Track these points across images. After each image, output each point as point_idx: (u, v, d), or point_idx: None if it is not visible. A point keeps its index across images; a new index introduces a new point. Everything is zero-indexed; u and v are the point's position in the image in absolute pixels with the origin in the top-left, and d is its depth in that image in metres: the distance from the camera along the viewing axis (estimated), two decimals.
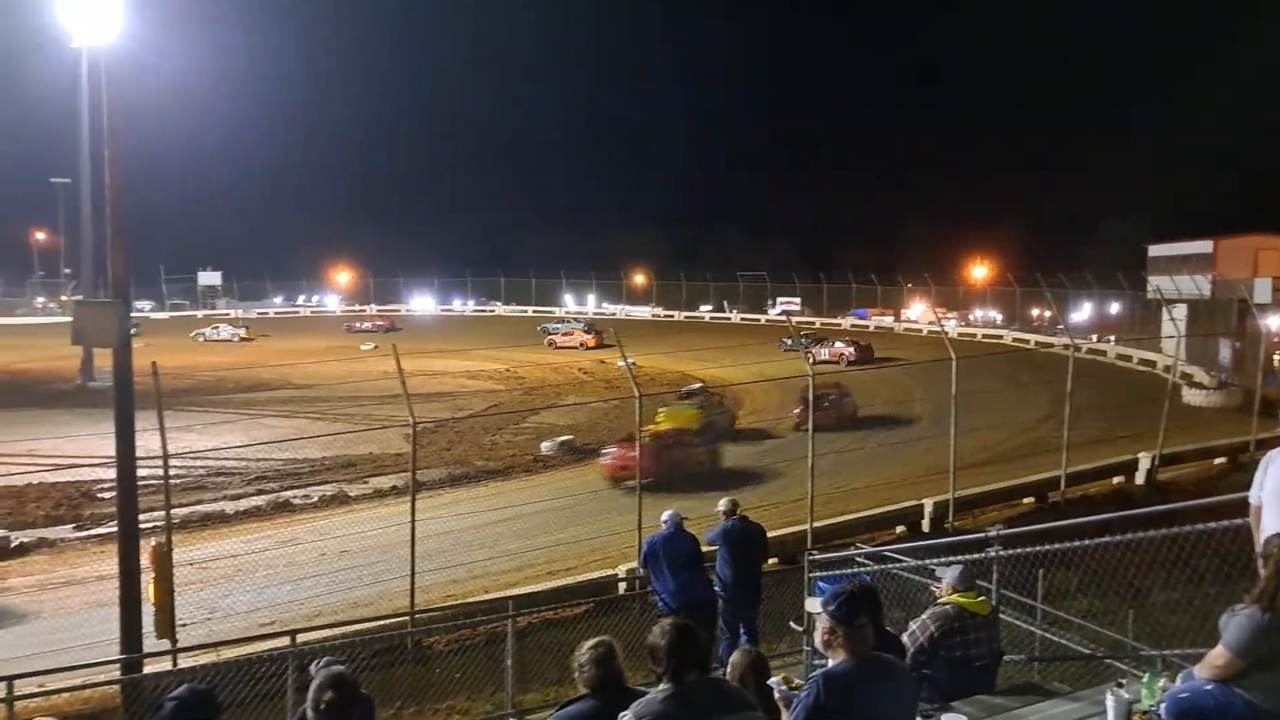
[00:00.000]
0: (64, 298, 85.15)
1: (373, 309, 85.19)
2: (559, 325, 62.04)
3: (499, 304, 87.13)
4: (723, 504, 9.02)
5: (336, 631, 9.93)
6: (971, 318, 64.55)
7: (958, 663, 5.49)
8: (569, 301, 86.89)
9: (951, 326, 47.78)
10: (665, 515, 8.54)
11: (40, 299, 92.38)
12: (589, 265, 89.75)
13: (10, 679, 7.43)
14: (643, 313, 77.39)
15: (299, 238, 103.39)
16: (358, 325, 70.16)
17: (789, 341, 68.66)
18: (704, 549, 8.59)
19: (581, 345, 55.20)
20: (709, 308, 77.48)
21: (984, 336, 51.05)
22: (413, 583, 10.78)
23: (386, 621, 10.87)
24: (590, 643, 3.48)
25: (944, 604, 5.60)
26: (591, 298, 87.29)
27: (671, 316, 75.09)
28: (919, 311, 66.82)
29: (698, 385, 35.22)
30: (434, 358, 38.71)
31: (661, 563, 8.18)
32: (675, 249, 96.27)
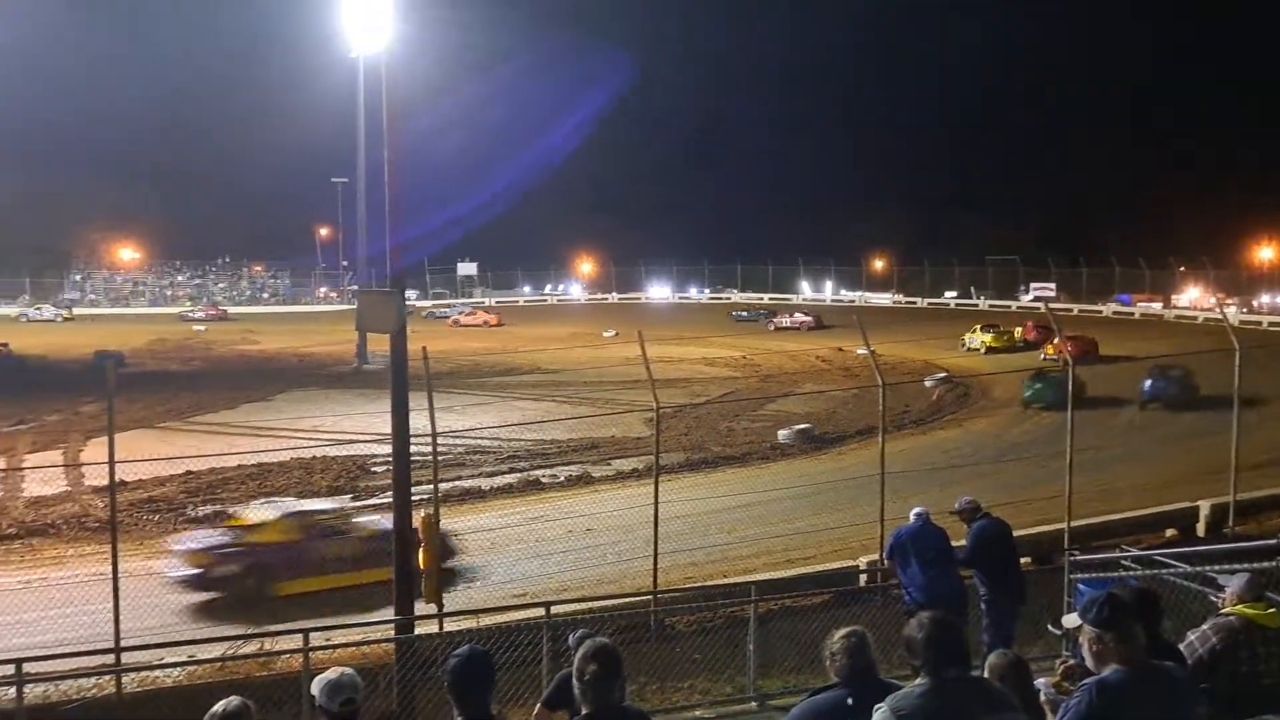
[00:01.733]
0: (343, 288, 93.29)
1: (614, 297, 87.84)
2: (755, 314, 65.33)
3: (734, 291, 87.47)
4: (961, 501, 8.67)
5: (585, 606, 10.39)
6: (1255, 304, 58.42)
7: (1242, 679, 5.00)
8: (805, 288, 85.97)
9: (1232, 313, 43.44)
10: (914, 510, 8.32)
11: (322, 289, 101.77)
12: (827, 251, 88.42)
13: (306, 631, 8.29)
14: (882, 299, 75.40)
15: (548, 229, 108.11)
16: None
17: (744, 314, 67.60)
18: (954, 544, 8.30)
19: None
20: (954, 294, 74.34)
21: (1270, 325, 46.19)
22: (655, 563, 11.07)
23: (631, 599, 11.25)
24: (843, 631, 3.45)
25: (1228, 614, 5.11)
26: (829, 284, 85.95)
27: (914, 303, 72.71)
28: (1193, 297, 61.25)
29: (942, 374, 33.93)
30: (671, 344, 39.47)
31: (909, 556, 7.98)
32: (919, 233, 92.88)
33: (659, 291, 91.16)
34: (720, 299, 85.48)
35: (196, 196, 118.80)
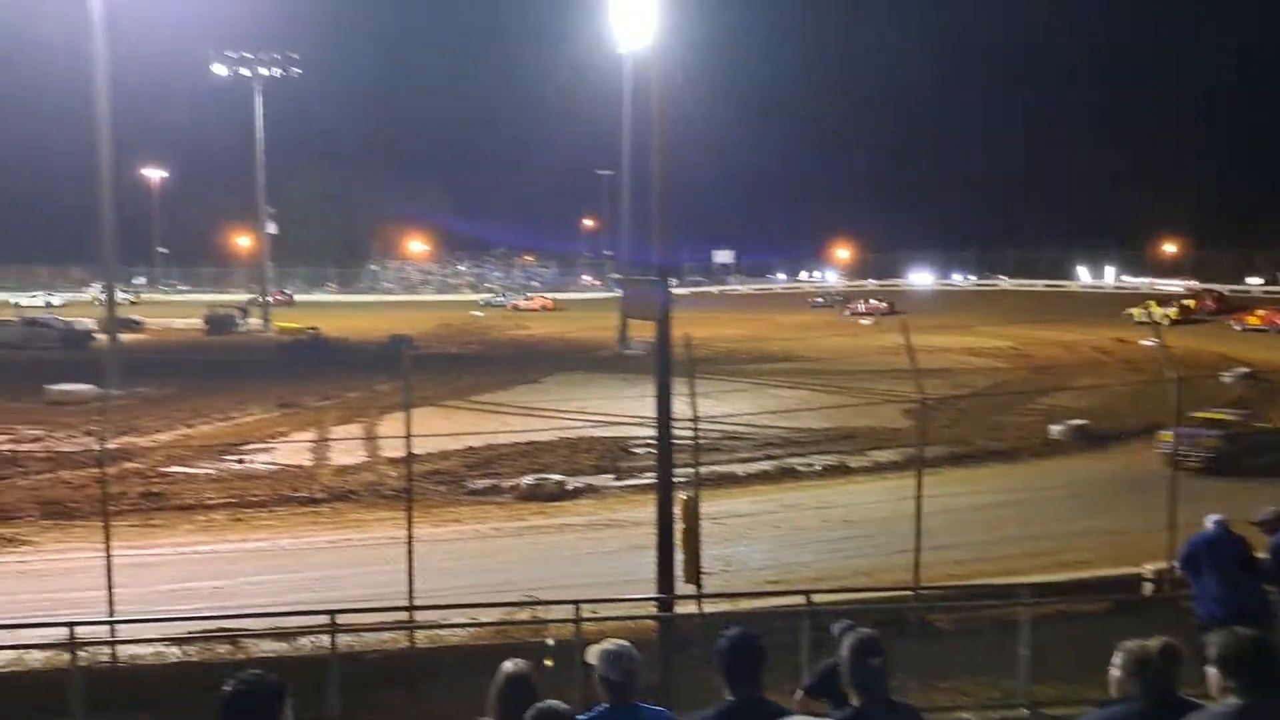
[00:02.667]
0: (606, 277, 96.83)
1: (872, 284, 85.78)
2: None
3: (1004, 278, 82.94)
4: (1264, 513, 7.82)
5: (844, 596, 10.31)
6: None
7: None
8: (1083, 274, 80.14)
9: None
10: (1211, 517, 7.61)
11: (586, 277, 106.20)
12: (1110, 235, 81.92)
13: (578, 603, 8.77)
14: (1172, 286, 68.97)
15: (805, 215, 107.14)
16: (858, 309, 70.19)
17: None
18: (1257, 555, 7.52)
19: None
20: (1259, 280, 66.72)
21: None
22: (917, 558, 10.79)
23: (892, 594, 11.03)
24: (1147, 643, 3.24)
25: None
26: (1110, 270, 79.65)
27: (1211, 290, 66.06)
28: None
29: (1243, 370, 30.66)
30: (933, 333, 38.08)
31: (1205, 567, 7.32)
32: (1219, 215, 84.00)
33: (920, 278, 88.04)
34: (987, 285, 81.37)
35: (478, 192, 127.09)
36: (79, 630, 8.68)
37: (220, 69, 60.22)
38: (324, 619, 8.71)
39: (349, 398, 30.21)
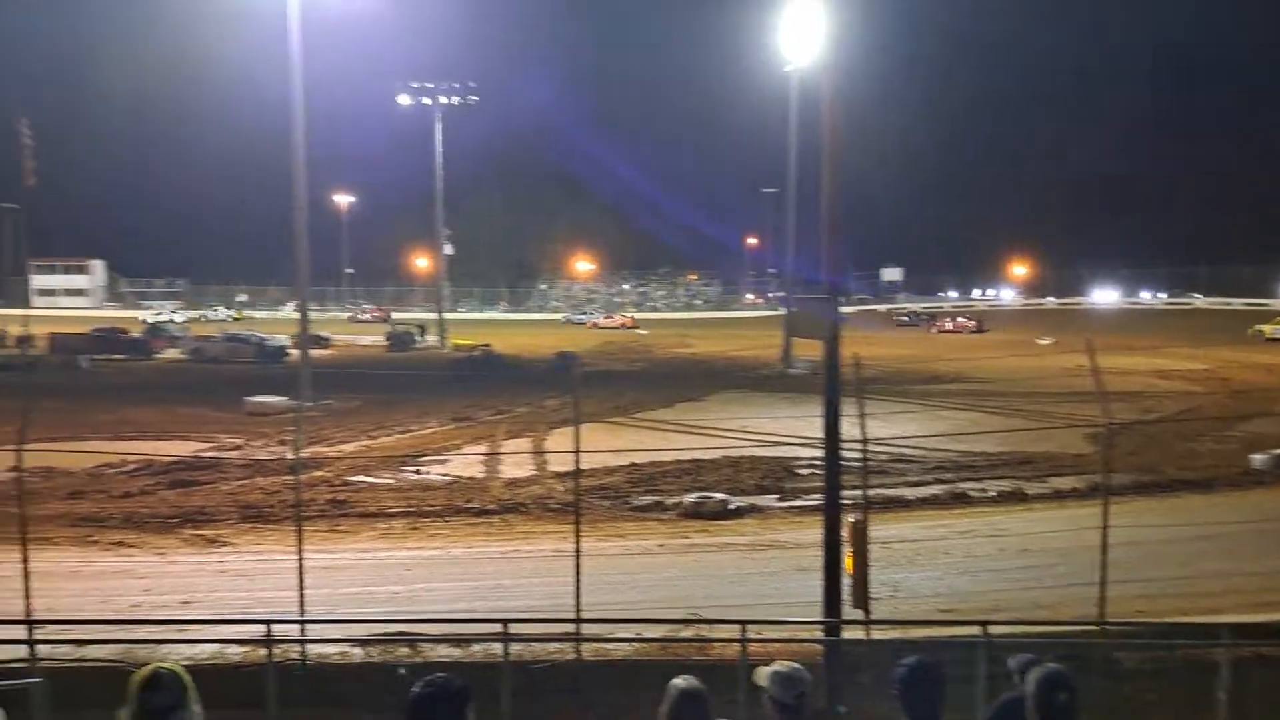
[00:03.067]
0: (769, 295, 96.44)
1: (1052, 302, 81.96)
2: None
3: (1198, 296, 77.62)
4: None
5: (1023, 629, 9.85)
6: None
7: None
8: None
9: None
10: None
11: (749, 295, 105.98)
12: None
13: (744, 623, 8.73)
14: None
15: (979, 231, 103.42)
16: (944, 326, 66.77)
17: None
18: None
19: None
20: None
21: None
22: (1103, 591, 10.20)
23: (1075, 628, 10.46)
24: None
25: None
26: None
27: None
28: None
29: None
30: (1120, 354, 36.03)
31: None
32: None
33: (1104, 296, 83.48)
34: (1178, 304, 76.36)
35: (642, 211, 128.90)
36: (274, 628, 9.29)
37: (405, 99, 63.59)
38: (497, 627, 8.99)
39: (518, 412, 31.15)
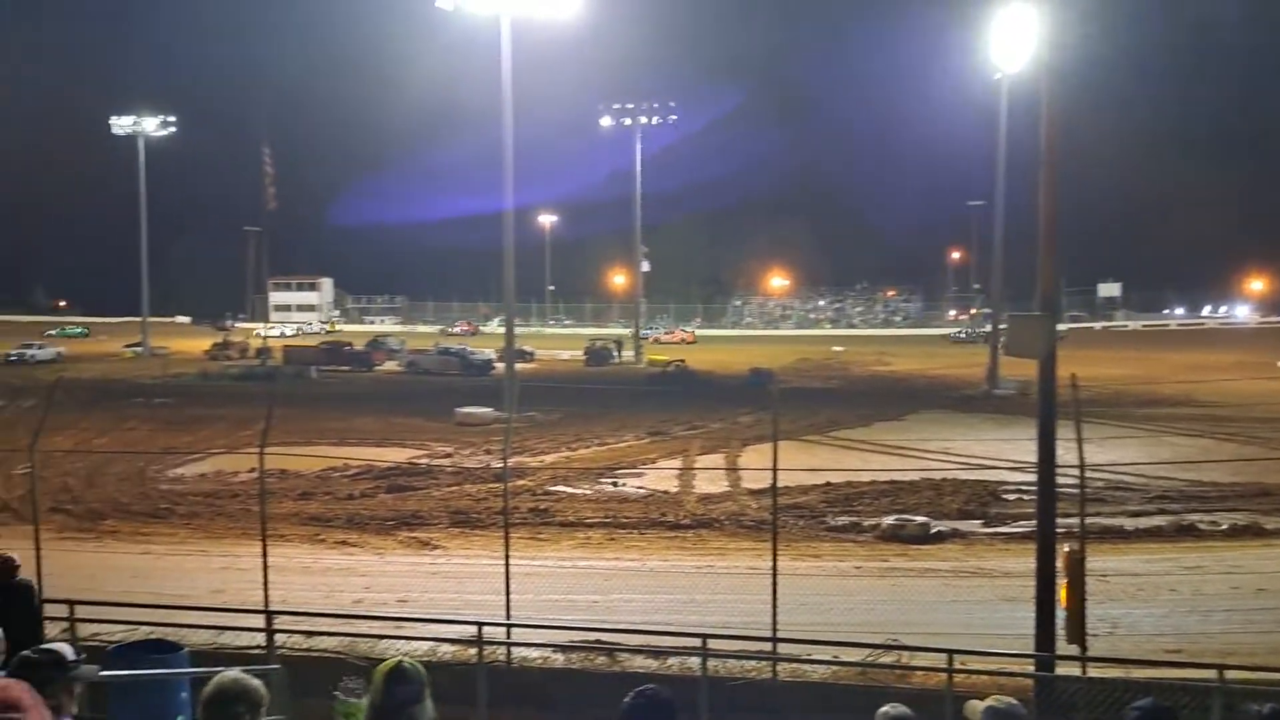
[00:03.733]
0: (972, 312, 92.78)
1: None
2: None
3: None
4: None
5: (1267, 675, 8.99)
6: None
7: None
8: None
9: None
10: None
11: (951, 312, 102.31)
12: None
13: (951, 652, 8.42)
14: None
15: (1209, 243, 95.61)
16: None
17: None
18: None
19: None
20: None
21: None
22: None
23: None
24: None
25: None
26: None
27: None
28: None
29: None
30: None
31: None
32: None
33: None
34: None
35: (839, 226, 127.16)
36: (484, 630, 9.73)
37: (606, 120, 65.44)
38: (695, 642, 9.06)
39: (712, 428, 31.28)
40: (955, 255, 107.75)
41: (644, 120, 65.41)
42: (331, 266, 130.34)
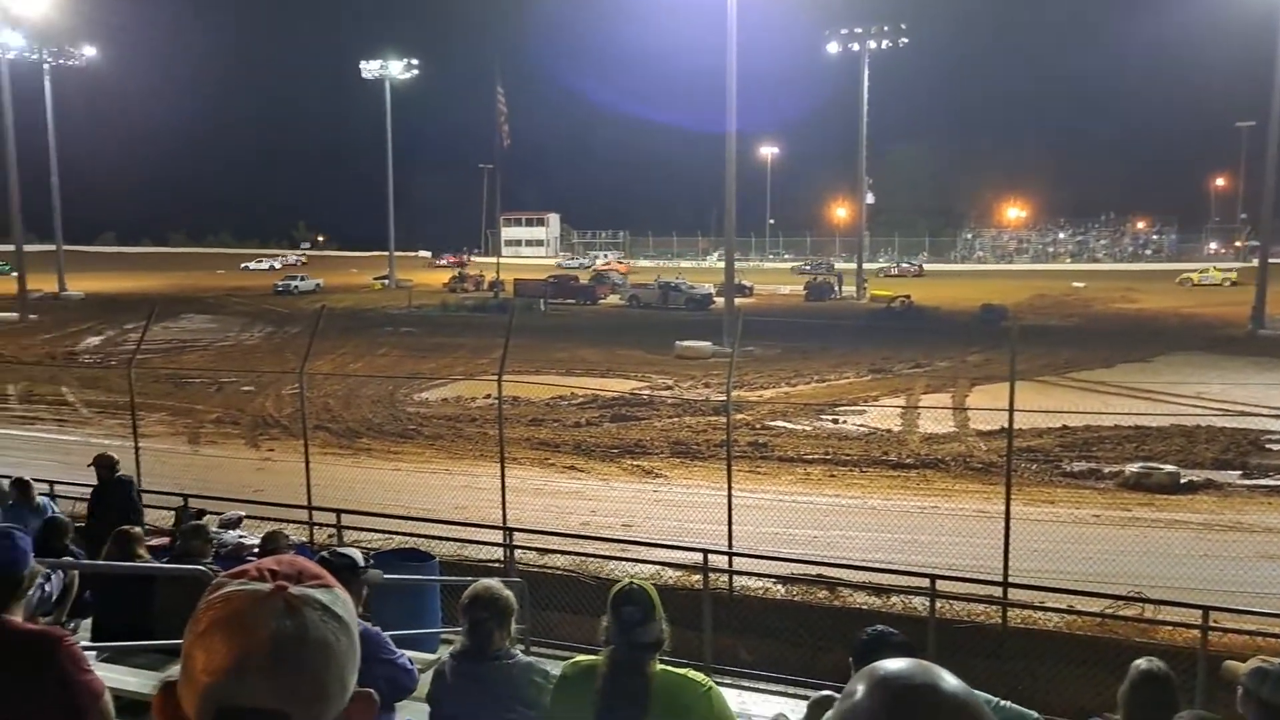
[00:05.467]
0: (1238, 244, 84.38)
1: None
2: None
3: None
4: None
5: None
6: None
7: None
8: None
9: None
10: None
11: (1212, 244, 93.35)
12: None
13: (1207, 609, 7.88)
14: None
15: None
16: None
17: None
18: None
19: None
20: None
21: None
22: None
23: None
24: None
25: None
26: None
27: None
28: None
29: None
30: None
31: None
32: None
33: None
34: None
35: (1082, 153, 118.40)
36: (709, 558, 9.97)
37: (833, 46, 63.30)
38: (922, 581, 8.92)
39: (938, 366, 30.24)
40: (1219, 182, 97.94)
41: (873, 45, 62.78)
42: (559, 203, 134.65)
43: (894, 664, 0.99)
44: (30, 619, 3.12)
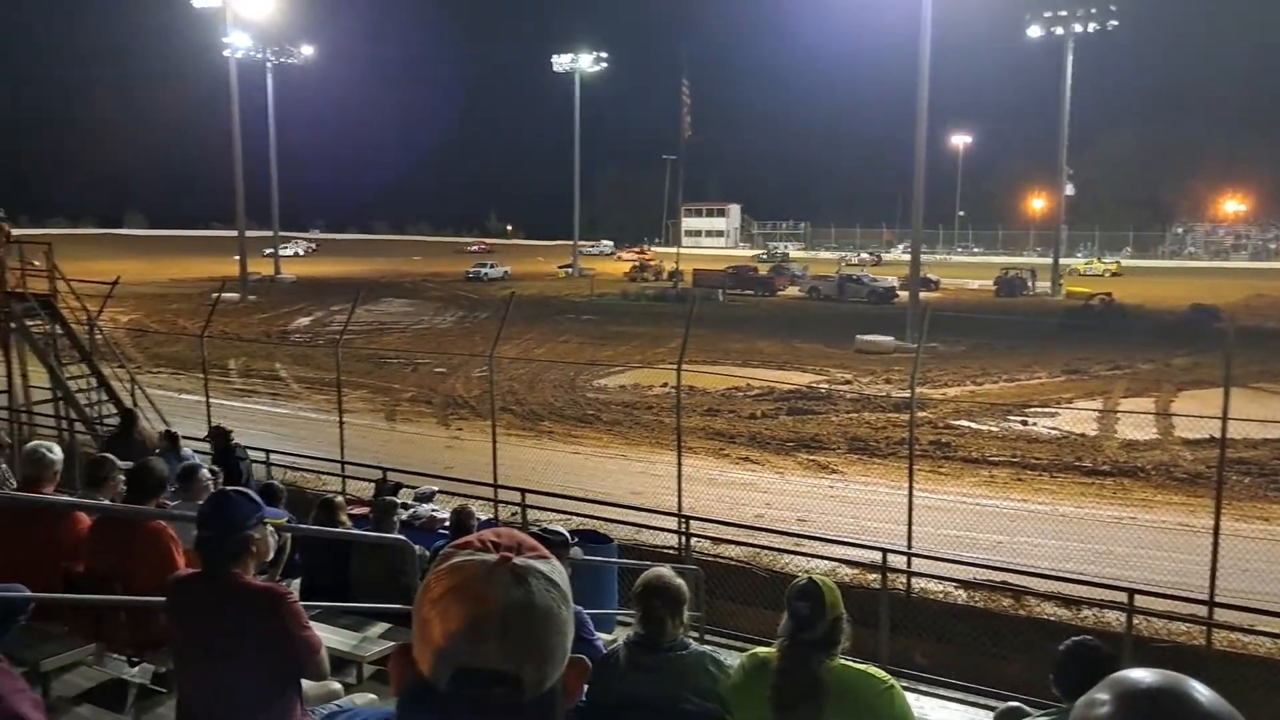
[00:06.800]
0: None
1: None
2: None
3: None
4: None
5: None
6: None
7: None
8: None
9: None
10: None
11: None
12: None
13: None
14: None
15: None
16: None
17: None
18: None
19: None
20: None
21: None
22: None
23: None
24: None
25: None
26: None
27: None
28: None
29: None
30: None
31: None
32: None
33: None
34: None
35: None
36: (888, 558, 9.76)
37: (1035, 30, 60.15)
38: (1118, 595, 8.43)
39: (1140, 369, 28.39)
40: None
41: (1078, 28, 59.22)
42: (740, 193, 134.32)
43: (1143, 673, 0.96)
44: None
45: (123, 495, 5.43)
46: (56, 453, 5.41)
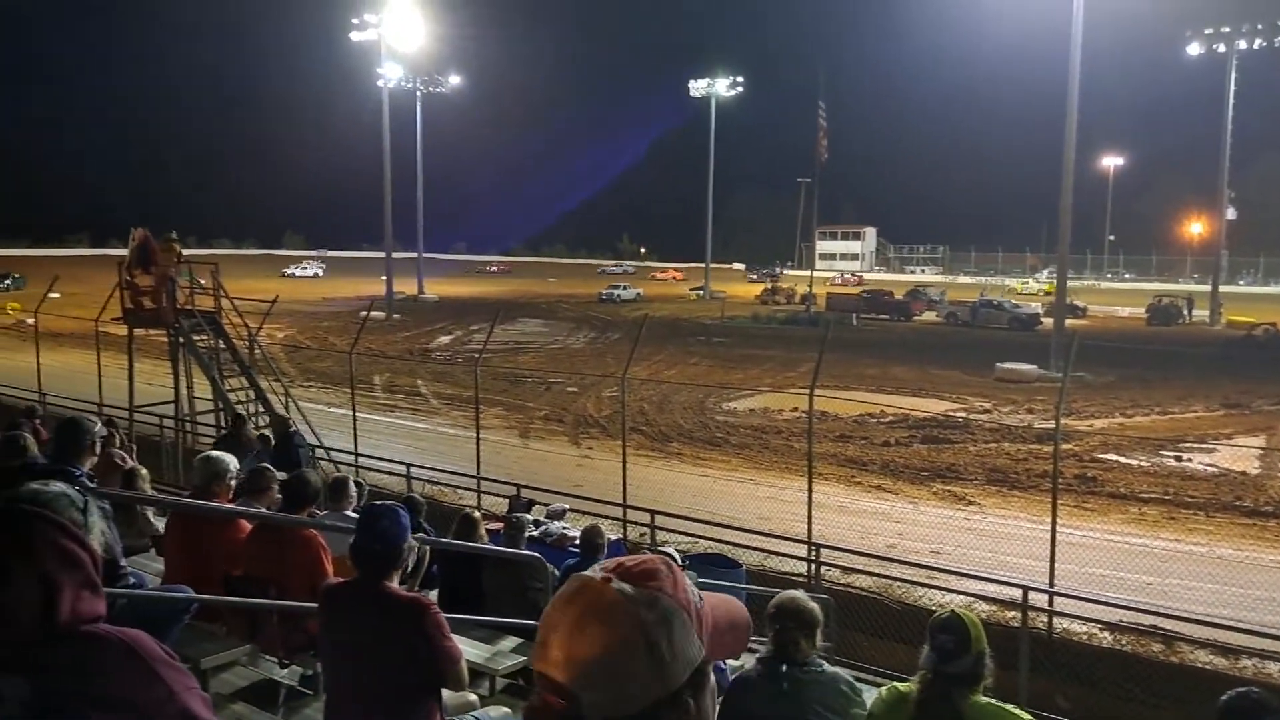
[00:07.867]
0: None
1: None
2: None
3: None
4: None
5: None
6: None
7: None
8: None
9: None
10: None
11: None
12: None
13: None
14: None
15: None
16: None
17: None
18: None
19: None
20: None
21: None
22: None
23: None
24: None
25: None
26: None
27: None
28: None
29: None
30: None
31: None
32: None
33: None
34: None
35: None
36: (1029, 595, 9.40)
37: (1194, 47, 57.19)
38: None
39: None
40: None
41: (1241, 45, 56.02)
42: (876, 216, 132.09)
43: None
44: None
45: (279, 504, 5.75)
46: (233, 465, 5.77)
